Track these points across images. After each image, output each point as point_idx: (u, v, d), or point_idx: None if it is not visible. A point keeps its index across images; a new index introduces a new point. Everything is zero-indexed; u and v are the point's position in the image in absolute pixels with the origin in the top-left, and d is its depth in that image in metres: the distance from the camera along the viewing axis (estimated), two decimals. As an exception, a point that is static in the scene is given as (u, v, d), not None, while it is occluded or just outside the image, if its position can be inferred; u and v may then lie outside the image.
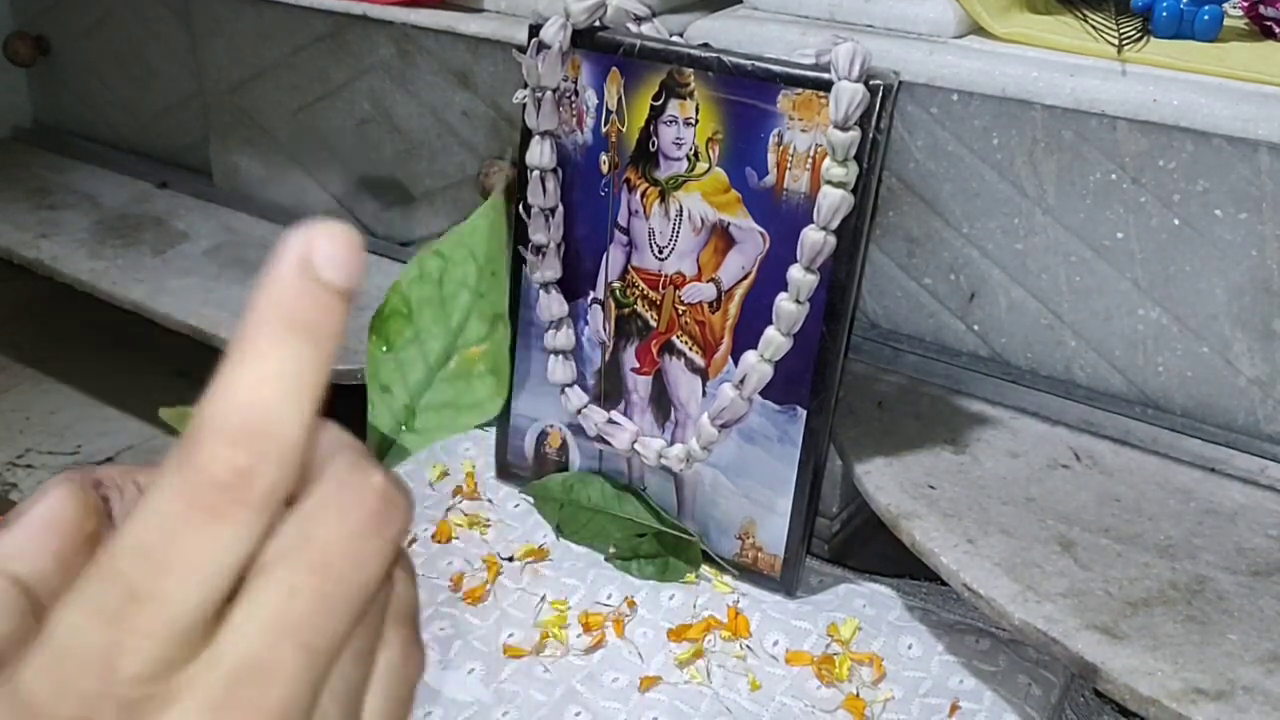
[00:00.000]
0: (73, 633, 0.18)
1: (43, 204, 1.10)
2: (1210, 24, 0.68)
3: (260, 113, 1.01)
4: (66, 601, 0.19)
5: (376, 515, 0.20)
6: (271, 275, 0.20)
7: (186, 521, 0.18)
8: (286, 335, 0.19)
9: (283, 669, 0.19)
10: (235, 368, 0.19)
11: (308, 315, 0.19)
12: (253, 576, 0.19)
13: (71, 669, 0.18)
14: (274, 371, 0.19)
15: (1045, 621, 0.54)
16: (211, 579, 0.19)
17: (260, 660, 0.19)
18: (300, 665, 0.19)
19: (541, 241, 0.70)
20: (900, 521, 0.62)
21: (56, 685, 0.18)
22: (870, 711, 0.60)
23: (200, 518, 0.18)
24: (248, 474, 0.18)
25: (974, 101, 0.67)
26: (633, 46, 0.66)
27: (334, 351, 0.19)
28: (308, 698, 0.19)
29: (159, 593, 0.18)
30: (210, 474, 0.19)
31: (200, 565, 0.19)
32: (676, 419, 0.70)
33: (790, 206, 0.63)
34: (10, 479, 0.92)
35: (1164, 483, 0.65)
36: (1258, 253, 0.62)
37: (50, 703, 0.18)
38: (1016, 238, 0.69)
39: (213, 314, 0.88)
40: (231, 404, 0.19)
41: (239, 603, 0.19)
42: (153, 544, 0.18)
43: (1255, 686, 0.51)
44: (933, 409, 0.72)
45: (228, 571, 0.19)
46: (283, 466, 0.19)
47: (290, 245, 0.20)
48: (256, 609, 0.19)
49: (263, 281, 0.19)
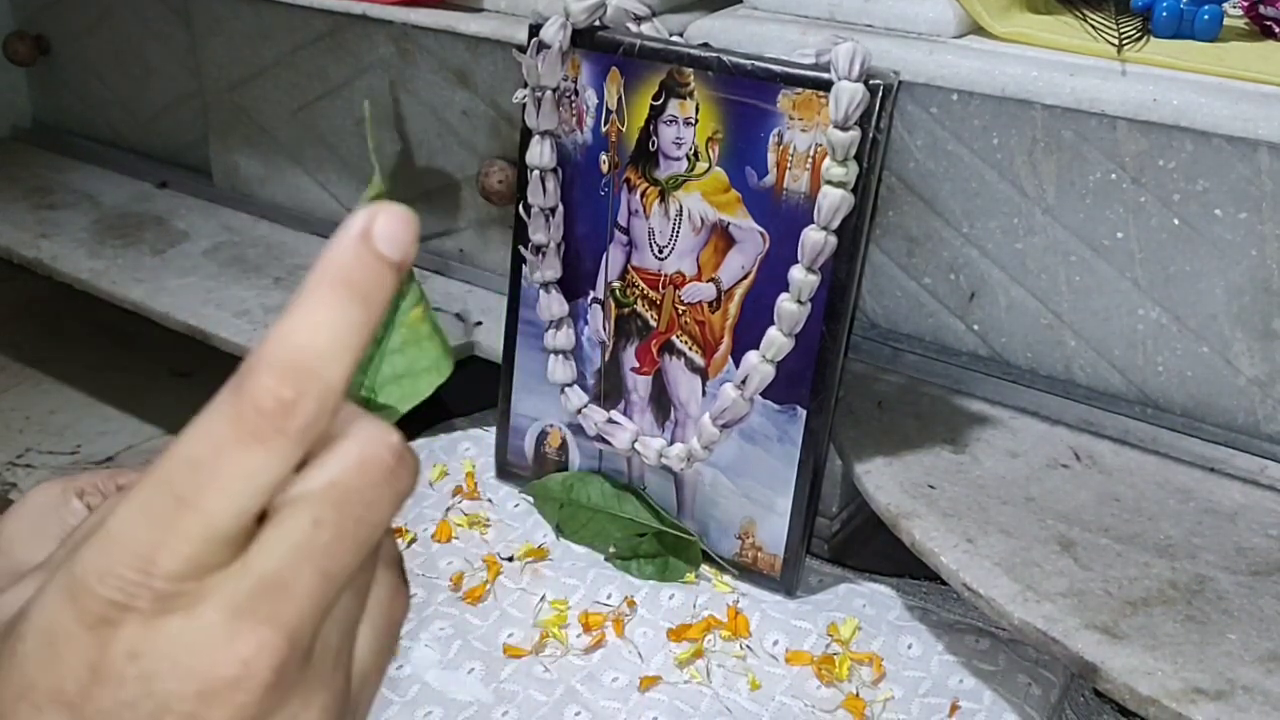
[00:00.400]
0: (123, 526, 0.21)
1: (42, 203, 1.10)
2: (1210, 24, 0.68)
3: (260, 112, 1.01)
4: (123, 498, 0.21)
5: (392, 469, 0.22)
6: (335, 241, 0.22)
7: (232, 442, 0.21)
8: (341, 293, 0.22)
9: (301, 588, 0.21)
10: (292, 313, 0.21)
11: (361, 280, 0.22)
12: (282, 506, 0.22)
13: (117, 557, 0.21)
14: (326, 321, 0.21)
15: (1045, 621, 0.54)
16: (247, 497, 0.21)
17: (283, 577, 0.21)
18: (316, 587, 0.22)
19: (541, 241, 0.70)
20: (900, 521, 0.62)
21: (103, 569, 0.21)
22: (870, 711, 0.60)
23: (245, 440, 0.21)
24: (291, 407, 0.21)
25: (974, 101, 0.67)
26: (632, 46, 0.66)
27: (379, 318, 0.22)
28: (317, 619, 0.22)
29: (201, 502, 0.21)
30: (258, 402, 0.21)
31: (239, 482, 0.21)
32: (676, 418, 0.70)
33: (790, 206, 0.63)
34: (10, 479, 0.92)
35: (1164, 482, 0.65)
36: (1257, 252, 0.62)
37: (95, 584, 0.21)
38: (1016, 237, 0.69)
39: (212, 313, 0.88)
40: (285, 344, 0.21)
41: (269, 526, 0.22)
42: (200, 459, 0.21)
43: (1255, 686, 0.51)
44: (932, 409, 0.72)
45: (262, 493, 0.21)
46: (322, 406, 0.21)
47: (355, 218, 0.22)
48: (285, 533, 0.22)
49: (328, 246, 0.22)
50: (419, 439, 0.83)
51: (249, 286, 0.93)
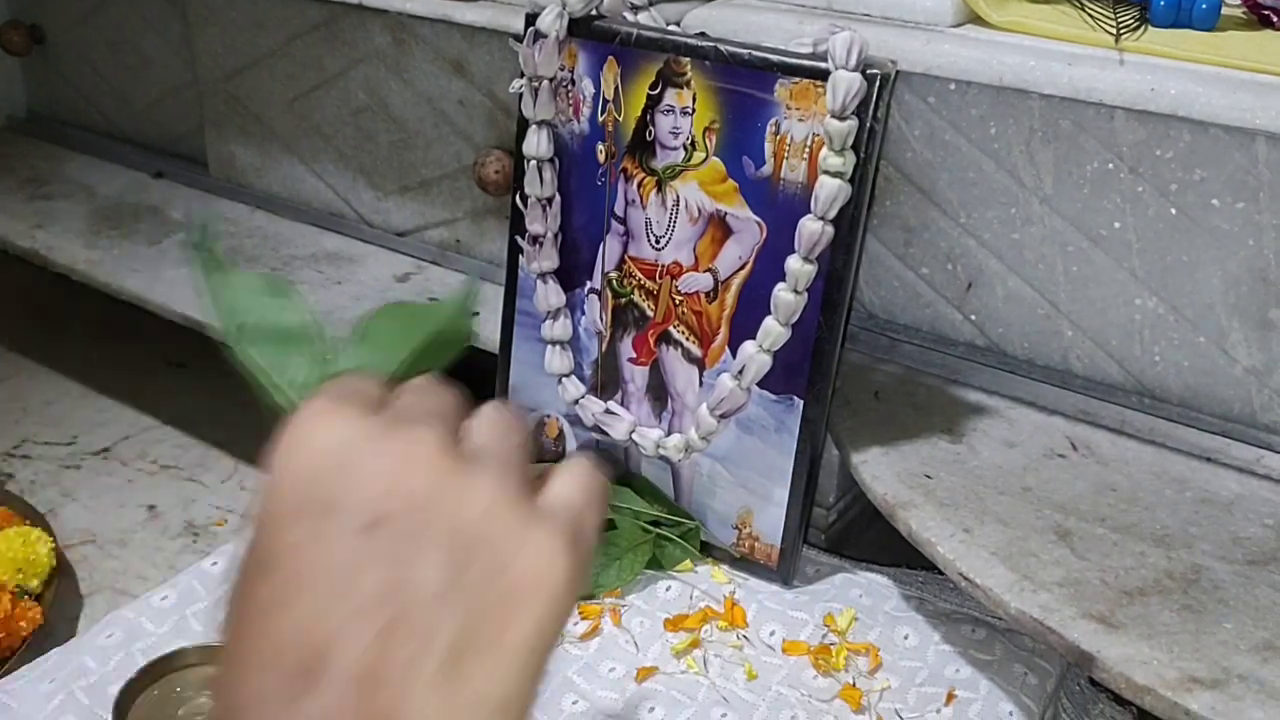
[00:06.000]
0: (490, 459, 0.31)
1: (38, 194, 1.09)
2: (1208, 13, 0.68)
3: (255, 102, 1.01)
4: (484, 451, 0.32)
5: (600, 492, 0.33)
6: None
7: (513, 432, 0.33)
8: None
9: (590, 502, 0.33)
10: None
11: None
12: (558, 472, 0.33)
13: (509, 475, 0.31)
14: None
15: (1041, 610, 0.54)
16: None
17: (581, 503, 0.32)
18: (596, 505, 0.33)
19: (538, 231, 0.70)
20: (897, 511, 0.62)
21: (504, 474, 0.31)
22: (867, 701, 0.60)
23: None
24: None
25: (971, 91, 0.66)
26: (629, 35, 0.66)
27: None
28: (598, 523, 0.33)
29: (512, 455, 0.32)
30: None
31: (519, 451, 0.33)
32: (673, 409, 0.70)
33: (787, 196, 0.63)
34: (7, 469, 0.92)
35: (1160, 472, 0.65)
36: (1254, 242, 0.62)
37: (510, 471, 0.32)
38: (1014, 227, 0.69)
39: (208, 304, 0.88)
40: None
41: (554, 478, 0.33)
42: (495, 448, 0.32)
43: (1250, 675, 0.51)
44: (929, 399, 0.72)
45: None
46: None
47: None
48: (570, 478, 0.33)
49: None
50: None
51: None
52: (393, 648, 0.28)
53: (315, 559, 0.29)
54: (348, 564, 0.29)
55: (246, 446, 0.96)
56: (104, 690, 0.60)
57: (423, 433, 0.31)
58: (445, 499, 0.30)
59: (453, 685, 0.29)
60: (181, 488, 0.91)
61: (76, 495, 0.89)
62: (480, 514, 0.30)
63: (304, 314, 0.44)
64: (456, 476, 0.30)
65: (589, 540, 0.32)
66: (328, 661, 0.28)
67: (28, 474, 0.92)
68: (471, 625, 0.29)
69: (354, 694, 0.28)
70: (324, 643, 0.28)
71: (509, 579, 0.30)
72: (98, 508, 0.88)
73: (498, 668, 0.29)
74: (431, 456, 0.30)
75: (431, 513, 0.30)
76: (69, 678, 0.61)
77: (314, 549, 0.29)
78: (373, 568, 0.29)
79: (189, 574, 0.69)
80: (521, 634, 0.29)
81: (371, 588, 0.28)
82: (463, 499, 0.30)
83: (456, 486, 0.30)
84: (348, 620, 0.28)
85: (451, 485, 0.30)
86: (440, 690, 0.28)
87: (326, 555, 0.29)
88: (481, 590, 0.29)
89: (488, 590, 0.29)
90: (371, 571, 0.29)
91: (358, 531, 0.29)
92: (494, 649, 0.29)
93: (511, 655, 0.29)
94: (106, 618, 0.65)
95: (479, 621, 0.29)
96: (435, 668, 0.28)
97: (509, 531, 0.30)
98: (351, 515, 0.29)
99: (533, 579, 0.30)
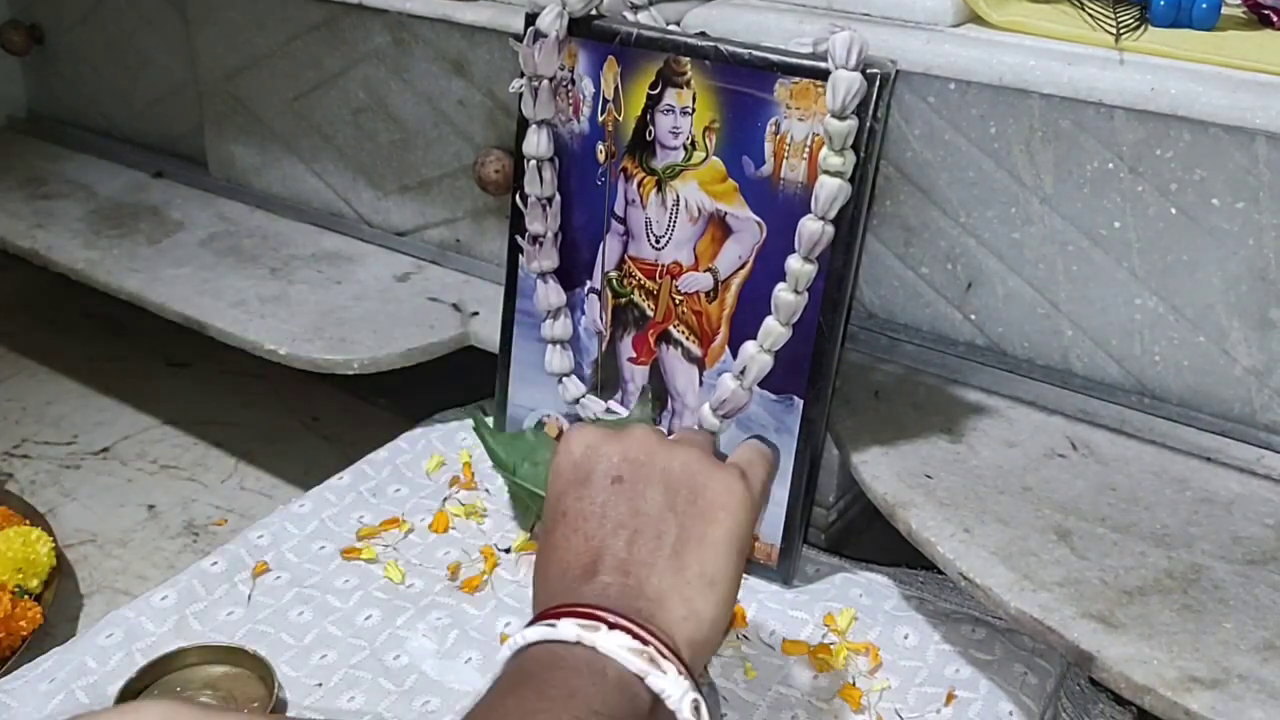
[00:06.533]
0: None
1: (37, 194, 1.09)
2: (1208, 13, 0.68)
3: (255, 101, 1.01)
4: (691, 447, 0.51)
5: (768, 455, 0.54)
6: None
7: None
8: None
9: (755, 460, 0.53)
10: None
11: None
12: (736, 447, 0.55)
13: (698, 445, 0.51)
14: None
15: (1041, 610, 0.54)
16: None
17: (749, 458, 0.52)
18: (762, 462, 0.53)
19: (539, 231, 0.70)
20: (897, 511, 0.62)
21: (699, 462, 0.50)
22: (866, 700, 0.60)
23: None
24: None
25: (971, 90, 0.66)
26: (629, 35, 0.66)
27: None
28: (768, 487, 0.54)
29: (702, 439, 0.54)
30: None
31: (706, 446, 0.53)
32: (673, 408, 0.70)
33: (787, 196, 0.63)
34: (7, 469, 0.92)
35: (1160, 472, 0.65)
36: (1254, 242, 0.62)
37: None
38: (1014, 227, 0.69)
39: (208, 304, 0.88)
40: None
41: (734, 451, 0.54)
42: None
43: (1251, 675, 0.51)
44: (929, 398, 0.72)
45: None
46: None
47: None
48: (743, 447, 0.54)
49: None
50: (416, 429, 0.83)
51: (245, 276, 0.92)
52: (637, 548, 0.46)
53: (584, 509, 0.48)
54: (603, 505, 0.48)
55: (246, 446, 0.96)
56: (104, 690, 0.60)
57: (638, 429, 0.50)
58: (657, 458, 0.49)
59: (677, 567, 0.46)
60: (181, 488, 0.91)
61: (76, 495, 0.89)
62: (681, 464, 0.49)
63: (550, 448, 0.70)
64: (664, 447, 0.49)
65: (759, 480, 0.51)
66: (600, 561, 0.46)
67: (28, 474, 0.92)
68: (685, 530, 0.47)
69: (619, 576, 0.46)
70: (596, 551, 0.47)
71: (705, 500, 0.48)
72: (97, 507, 0.88)
73: (705, 555, 0.46)
74: (645, 438, 0.50)
75: (650, 467, 0.49)
76: (69, 678, 0.61)
77: (581, 503, 0.48)
78: (617, 505, 0.48)
79: (189, 574, 0.69)
80: (717, 534, 0.47)
81: (619, 516, 0.47)
82: (670, 456, 0.49)
83: (665, 452, 0.49)
84: (608, 536, 0.47)
85: (660, 451, 0.49)
86: (670, 571, 0.46)
87: (590, 504, 0.48)
88: (688, 508, 0.48)
89: (691, 508, 0.48)
90: (617, 507, 0.48)
91: (605, 487, 0.48)
92: (701, 544, 0.47)
93: (712, 548, 0.47)
94: (106, 618, 0.65)
95: (689, 527, 0.47)
96: (666, 558, 0.46)
97: (701, 472, 0.48)
98: (600, 478, 0.49)
99: (722, 498, 0.48)
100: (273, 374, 0.94)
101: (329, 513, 0.75)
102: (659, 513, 0.47)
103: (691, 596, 0.45)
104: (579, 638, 0.42)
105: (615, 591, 0.45)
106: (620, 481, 0.48)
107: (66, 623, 0.75)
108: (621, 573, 0.45)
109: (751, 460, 0.52)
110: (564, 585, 0.46)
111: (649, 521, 0.47)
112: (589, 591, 0.45)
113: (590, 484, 0.48)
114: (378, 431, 0.84)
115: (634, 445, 0.49)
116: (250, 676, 0.61)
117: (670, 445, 0.49)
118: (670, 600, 0.45)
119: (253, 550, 0.71)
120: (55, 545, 0.77)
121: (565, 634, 0.42)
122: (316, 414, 1.01)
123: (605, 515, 0.47)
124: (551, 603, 0.45)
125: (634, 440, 0.49)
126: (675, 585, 0.45)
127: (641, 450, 0.49)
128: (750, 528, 0.48)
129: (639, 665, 0.41)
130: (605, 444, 0.49)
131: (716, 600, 0.46)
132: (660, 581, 0.45)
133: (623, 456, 0.49)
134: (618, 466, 0.49)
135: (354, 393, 1.02)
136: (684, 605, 0.45)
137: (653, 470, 0.48)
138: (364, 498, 0.76)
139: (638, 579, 0.45)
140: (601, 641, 0.42)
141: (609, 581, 0.45)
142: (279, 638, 0.64)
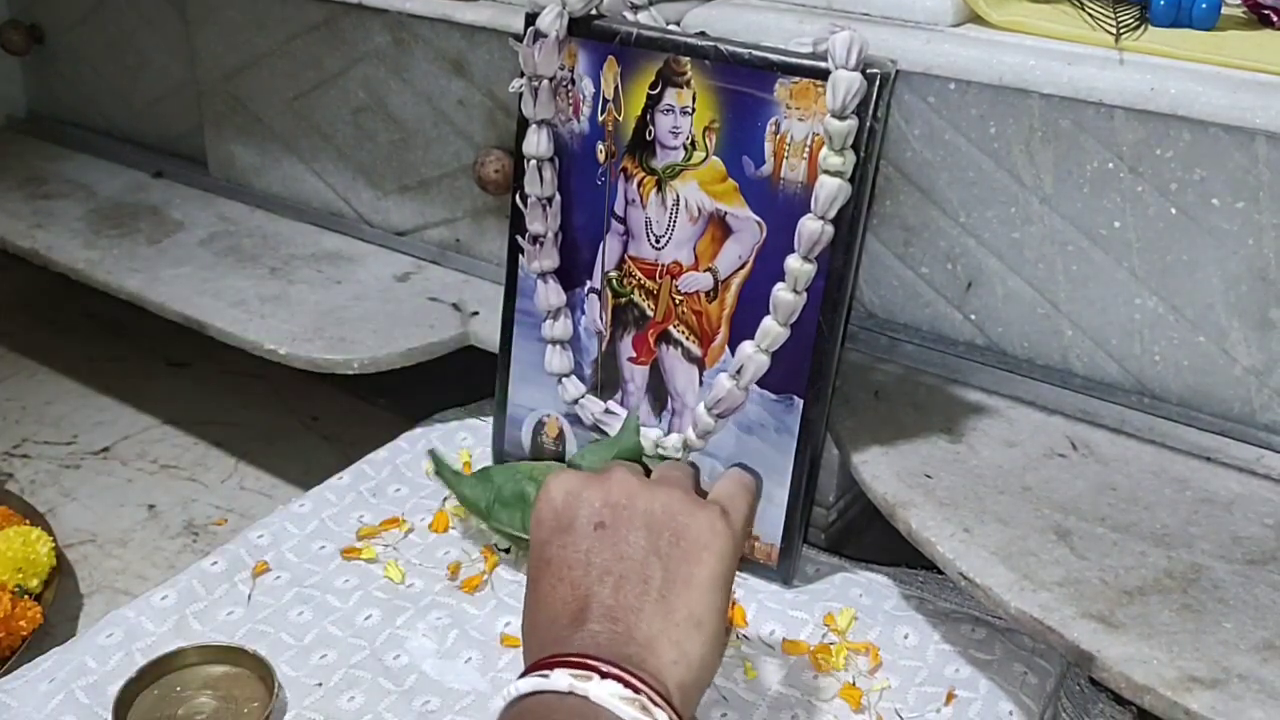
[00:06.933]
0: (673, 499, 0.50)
1: (37, 193, 1.09)
2: (1208, 12, 0.68)
3: (255, 101, 1.01)
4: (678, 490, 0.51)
5: (750, 486, 0.54)
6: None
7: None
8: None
9: (737, 493, 0.53)
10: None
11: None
12: (716, 480, 0.54)
13: (679, 485, 0.52)
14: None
15: (1041, 610, 0.54)
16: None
17: (730, 493, 0.53)
18: (744, 495, 0.53)
19: (539, 231, 0.70)
20: (897, 510, 0.62)
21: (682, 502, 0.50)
22: (866, 700, 0.60)
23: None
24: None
25: (971, 90, 0.66)
26: (629, 35, 0.66)
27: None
28: (750, 520, 0.54)
29: (682, 477, 0.53)
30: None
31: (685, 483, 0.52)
32: (673, 408, 0.70)
33: (787, 196, 0.63)
34: (7, 469, 0.92)
35: (1160, 472, 0.65)
36: (1254, 242, 0.62)
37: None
38: (1013, 227, 0.69)
39: (208, 303, 0.88)
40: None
41: (714, 485, 0.54)
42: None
43: (1250, 675, 0.51)
44: (929, 398, 0.72)
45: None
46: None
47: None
48: (723, 481, 0.54)
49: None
50: (415, 429, 0.83)
51: (245, 276, 0.92)
52: (623, 594, 0.46)
53: (568, 556, 0.48)
54: (586, 551, 0.48)
55: (246, 446, 0.96)
56: (104, 690, 0.60)
57: (618, 471, 0.50)
58: (638, 502, 0.49)
59: (665, 611, 0.46)
60: (181, 487, 0.91)
61: (76, 495, 0.89)
62: (662, 506, 0.49)
63: (523, 483, 0.70)
64: (645, 489, 0.49)
65: (741, 515, 0.51)
66: (587, 609, 0.46)
67: (28, 474, 0.92)
68: (670, 572, 0.47)
69: (608, 623, 0.46)
70: (583, 599, 0.46)
71: (688, 541, 0.48)
72: (97, 507, 0.88)
73: (691, 597, 0.47)
74: (626, 481, 0.50)
75: (632, 510, 0.49)
76: (69, 677, 0.61)
77: (565, 551, 0.48)
78: (601, 551, 0.48)
79: (189, 574, 0.69)
80: (702, 574, 0.47)
81: (604, 562, 0.47)
82: (651, 499, 0.49)
83: (646, 494, 0.49)
84: (594, 583, 0.47)
85: (642, 494, 0.49)
86: (658, 615, 0.46)
87: (574, 552, 0.48)
88: (671, 550, 0.48)
89: (675, 550, 0.48)
90: (601, 553, 0.48)
91: (588, 534, 0.48)
92: (688, 585, 0.47)
93: (699, 588, 0.47)
94: (106, 617, 0.65)
95: (674, 569, 0.47)
96: (653, 602, 0.46)
97: (683, 512, 0.49)
98: (582, 524, 0.49)
99: (705, 537, 0.48)
100: (273, 374, 0.94)
101: (329, 512, 0.75)
102: (643, 557, 0.47)
103: (680, 639, 0.46)
104: (571, 688, 0.42)
105: (605, 639, 0.45)
106: (603, 527, 0.48)
107: (66, 622, 0.75)
108: (610, 619, 0.46)
109: (733, 495, 0.52)
110: (553, 634, 0.46)
111: (634, 566, 0.47)
112: (579, 640, 0.45)
113: (573, 531, 0.49)
114: (378, 431, 0.84)
115: (615, 489, 0.49)
116: (250, 676, 0.61)
117: (651, 487, 0.50)
118: (660, 644, 0.45)
119: (253, 550, 0.71)
120: (55, 545, 0.77)
121: (558, 684, 0.42)
122: (316, 414, 1.01)
123: (590, 562, 0.47)
124: (543, 653, 0.45)
125: (615, 484, 0.49)
126: (664, 629, 0.46)
127: (623, 494, 0.49)
128: (734, 564, 0.49)
129: (631, 714, 0.42)
130: (586, 489, 0.49)
131: (704, 640, 0.46)
132: (649, 626, 0.46)
133: (604, 501, 0.49)
134: (599, 512, 0.49)
135: (354, 393, 1.02)
136: (674, 649, 0.45)
137: (635, 514, 0.48)
138: (364, 497, 0.76)
139: (626, 625, 0.46)
140: (594, 691, 0.42)
141: (598, 630, 0.45)
142: (279, 637, 0.64)
